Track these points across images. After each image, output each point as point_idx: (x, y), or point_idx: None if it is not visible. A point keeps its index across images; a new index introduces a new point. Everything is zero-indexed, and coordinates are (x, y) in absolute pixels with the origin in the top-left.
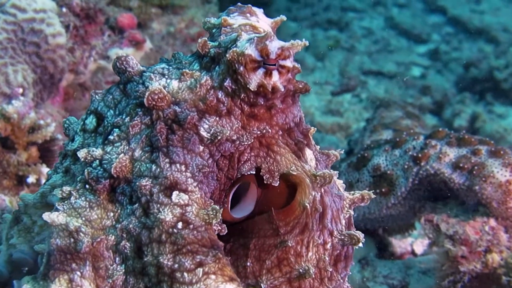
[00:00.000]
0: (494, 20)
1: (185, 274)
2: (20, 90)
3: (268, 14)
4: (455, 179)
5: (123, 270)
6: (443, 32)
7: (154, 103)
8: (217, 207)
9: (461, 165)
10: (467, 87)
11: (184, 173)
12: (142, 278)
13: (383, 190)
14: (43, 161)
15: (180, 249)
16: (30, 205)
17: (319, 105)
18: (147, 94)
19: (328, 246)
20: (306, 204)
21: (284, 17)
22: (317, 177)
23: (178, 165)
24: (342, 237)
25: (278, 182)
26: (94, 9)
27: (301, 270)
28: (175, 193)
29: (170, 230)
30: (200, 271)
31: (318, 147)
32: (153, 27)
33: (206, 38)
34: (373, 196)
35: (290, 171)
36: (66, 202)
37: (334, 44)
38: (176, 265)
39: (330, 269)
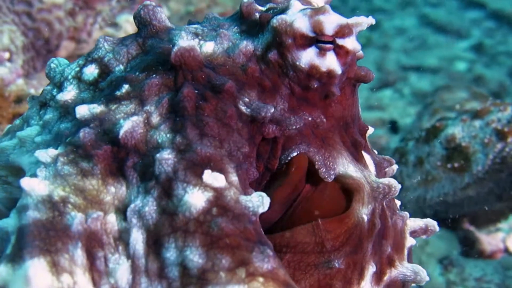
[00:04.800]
0: None
1: (222, 274)
2: (6, 55)
3: None
4: None
5: (129, 265)
6: (483, 27)
7: (183, 60)
8: (264, 194)
9: None
10: None
11: (219, 150)
12: (159, 281)
13: (456, 165)
14: None
15: (216, 242)
16: None
17: None
18: (175, 49)
19: (386, 278)
20: (364, 216)
21: None
22: (380, 185)
23: (211, 139)
24: (405, 270)
25: (333, 179)
26: None
27: None
28: (207, 171)
29: (202, 217)
30: (243, 271)
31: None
32: (170, 6)
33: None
34: (437, 229)
35: (348, 172)
36: (50, 167)
37: (366, 42)
38: (209, 263)
39: None
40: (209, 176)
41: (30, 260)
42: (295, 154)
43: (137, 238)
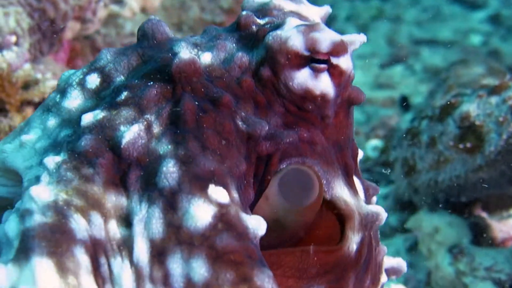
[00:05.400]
0: None
1: None
2: (13, 38)
3: None
4: None
5: (133, 272)
6: None
7: (184, 72)
8: (261, 218)
9: None
10: None
11: (220, 165)
12: None
13: (468, 146)
14: None
15: (221, 257)
16: None
17: (366, 80)
18: (176, 61)
19: None
20: (354, 245)
21: (329, 8)
22: (369, 213)
23: (212, 152)
24: None
25: (330, 198)
26: None
27: None
28: (211, 186)
29: (207, 232)
30: (245, 286)
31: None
32: None
33: (251, 12)
34: (405, 270)
35: (343, 196)
36: (53, 173)
37: (377, 14)
38: (214, 276)
39: None
40: (213, 190)
41: (37, 261)
42: (285, 165)
43: (142, 247)
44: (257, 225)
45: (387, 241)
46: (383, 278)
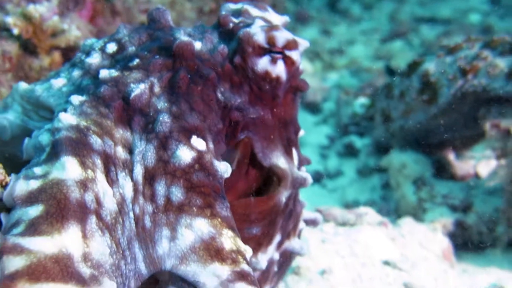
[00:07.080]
0: None
1: (194, 209)
2: None
3: None
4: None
5: (132, 185)
6: None
7: (181, 52)
8: (229, 165)
9: None
10: None
11: (203, 123)
12: (150, 203)
13: (424, 98)
14: None
15: (194, 187)
16: (18, 93)
17: (367, 53)
18: (178, 41)
19: (283, 246)
20: (284, 198)
21: (288, 18)
22: (299, 177)
23: (198, 113)
24: (294, 244)
25: (268, 165)
26: None
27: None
28: (194, 136)
29: (187, 169)
30: (208, 211)
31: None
32: None
33: (228, 12)
34: (320, 222)
35: (279, 163)
36: (77, 108)
37: None
38: (187, 200)
39: (275, 277)
40: (195, 140)
41: (65, 157)
42: (243, 137)
43: (139, 171)
44: (224, 169)
45: (366, 179)
46: (301, 225)
